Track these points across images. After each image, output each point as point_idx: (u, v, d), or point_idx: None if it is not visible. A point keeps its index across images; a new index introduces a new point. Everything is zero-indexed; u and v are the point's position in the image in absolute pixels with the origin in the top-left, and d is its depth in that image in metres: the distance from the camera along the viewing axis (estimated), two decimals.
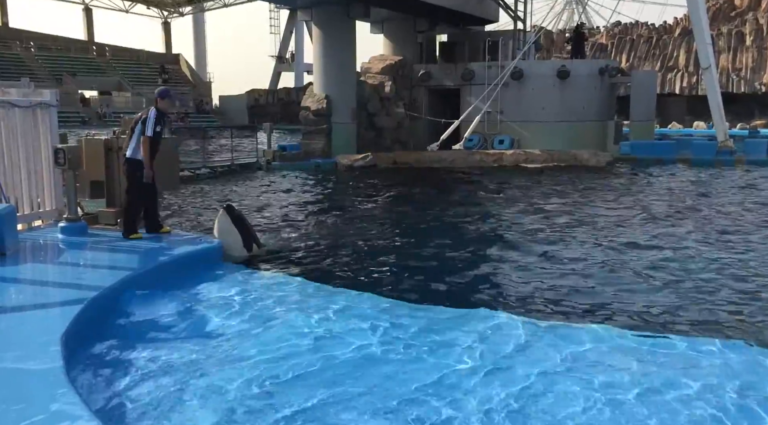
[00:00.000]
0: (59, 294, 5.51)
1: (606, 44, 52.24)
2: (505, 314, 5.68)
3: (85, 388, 4.00)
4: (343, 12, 21.88)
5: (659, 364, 4.57)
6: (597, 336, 5.14)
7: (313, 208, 12.82)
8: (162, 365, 4.45)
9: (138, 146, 7.35)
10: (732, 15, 50.13)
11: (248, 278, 6.85)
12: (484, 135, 22.88)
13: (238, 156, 20.60)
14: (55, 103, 8.26)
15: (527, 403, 3.96)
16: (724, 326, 5.52)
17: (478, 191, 15.59)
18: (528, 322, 5.47)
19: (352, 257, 8.29)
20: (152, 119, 7.34)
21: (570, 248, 8.62)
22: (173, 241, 7.54)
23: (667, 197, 13.56)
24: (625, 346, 4.93)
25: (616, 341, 5.04)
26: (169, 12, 65.64)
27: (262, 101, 53.93)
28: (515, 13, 25.81)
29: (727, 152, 21.22)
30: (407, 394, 4.05)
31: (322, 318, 5.47)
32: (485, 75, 23.13)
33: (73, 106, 44.75)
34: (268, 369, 4.39)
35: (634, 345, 4.94)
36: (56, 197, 8.24)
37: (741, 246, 8.67)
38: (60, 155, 7.42)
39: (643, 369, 4.47)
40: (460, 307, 5.90)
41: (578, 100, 22.69)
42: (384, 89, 23.31)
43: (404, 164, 21.11)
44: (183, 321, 5.40)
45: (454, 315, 5.67)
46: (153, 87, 52.48)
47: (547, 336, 5.13)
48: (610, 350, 4.85)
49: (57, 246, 7.24)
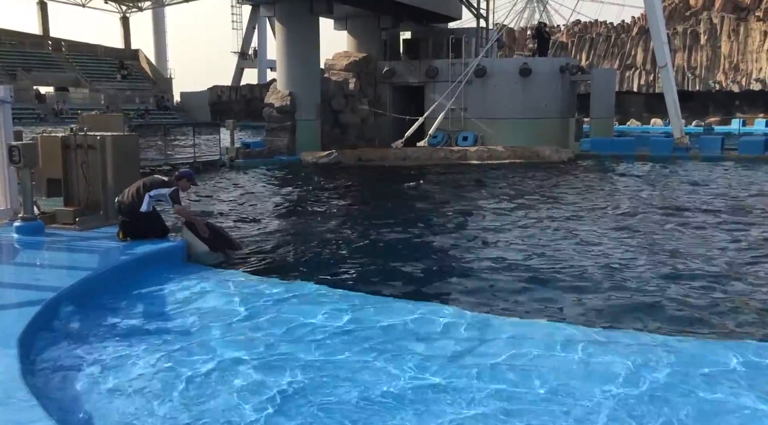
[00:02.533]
0: (15, 296, 5.36)
1: (566, 43, 53.11)
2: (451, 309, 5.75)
3: (42, 391, 3.90)
4: (306, 8, 21.78)
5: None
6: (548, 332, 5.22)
7: (276, 205, 12.75)
8: (121, 366, 4.38)
9: (151, 204, 7.30)
10: (687, 14, 51.49)
11: (210, 277, 6.76)
12: (448, 132, 23.06)
13: (201, 154, 20.31)
14: (9, 100, 8.03)
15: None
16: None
17: (441, 186, 15.70)
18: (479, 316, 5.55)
19: (315, 252, 8.27)
20: (172, 196, 7.30)
21: (523, 240, 8.77)
22: (134, 240, 7.41)
23: (625, 192, 13.89)
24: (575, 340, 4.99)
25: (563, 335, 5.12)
26: (128, 6, 64.30)
27: (225, 98, 53.39)
28: (478, 11, 26.05)
29: (683, 149, 21.81)
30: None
31: (278, 312, 5.47)
32: (449, 72, 23.30)
33: (29, 102, 43.53)
34: (229, 365, 4.38)
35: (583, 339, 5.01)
36: (11, 196, 8.01)
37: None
38: (15, 153, 7.22)
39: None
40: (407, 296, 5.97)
41: (540, 97, 23.03)
42: (348, 86, 23.29)
43: (369, 160, 21.13)
44: (143, 321, 5.32)
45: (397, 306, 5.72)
46: (111, 83, 51.56)
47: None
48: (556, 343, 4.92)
49: (12, 246, 7.04)
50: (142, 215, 7.23)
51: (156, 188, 7.26)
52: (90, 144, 8.00)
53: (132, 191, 7.26)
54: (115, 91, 48.40)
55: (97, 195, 8.08)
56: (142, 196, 7.19)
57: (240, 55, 64.24)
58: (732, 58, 47.51)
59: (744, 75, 46.68)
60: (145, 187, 7.25)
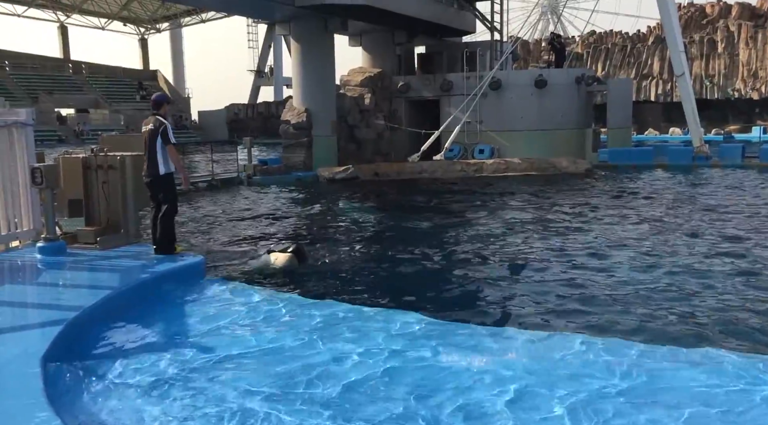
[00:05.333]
0: (38, 315, 5.41)
1: (581, 53, 52.98)
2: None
3: (65, 411, 3.92)
4: (321, 26, 21.96)
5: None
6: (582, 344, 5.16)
7: (295, 221, 12.80)
8: (144, 385, 4.39)
9: (167, 158, 7.29)
10: (703, 23, 51.17)
11: (231, 294, 6.78)
12: (464, 145, 23.04)
13: (219, 171, 20.48)
14: (31, 122, 8.15)
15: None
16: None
17: (459, 200, 15.65)
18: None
19: (342, 270, 8.27)
20: (170, 127, 7.33)
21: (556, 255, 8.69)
22: (154, 258, 7.46)
23: (649, 203, 13.72)
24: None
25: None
26: (146, 28, 65.40)
27: (242, 116, 53.84)
28: (492, 24, 26.10)
29: (703, 157, 21.56)
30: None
31: (307, 331, 5.44)
32: (464, 85, 23.32)
33: (50, 124, 44.31)
34: (254, 383, 4.35)
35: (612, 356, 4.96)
36: (34, 217, 8.11)
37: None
38: (37, 174, 7.32)
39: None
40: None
41: (556, 108, 22.95)
42: (364, 101, 23.39)
43: (385, 175, 21.16)
44: (165, 339, 5.33)
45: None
46: (131, 104, 52.35)
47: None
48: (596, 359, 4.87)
49: (35, 266, 7.12)
50: (160, 178, 7.32)
51: (158, 137, 7.24)
52: (110, 164, 8.09)
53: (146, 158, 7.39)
54: (134, 111, 49.08)
55: (118, 215, 8.15)
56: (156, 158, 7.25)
57: (256, 73, 64.91)
58: (750, 65, 47.04)
59: (763, 82, 46.16)
60: (152, 145, 7.26)
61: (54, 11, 58.82)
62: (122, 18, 62.49)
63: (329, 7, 20.27)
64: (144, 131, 7.45)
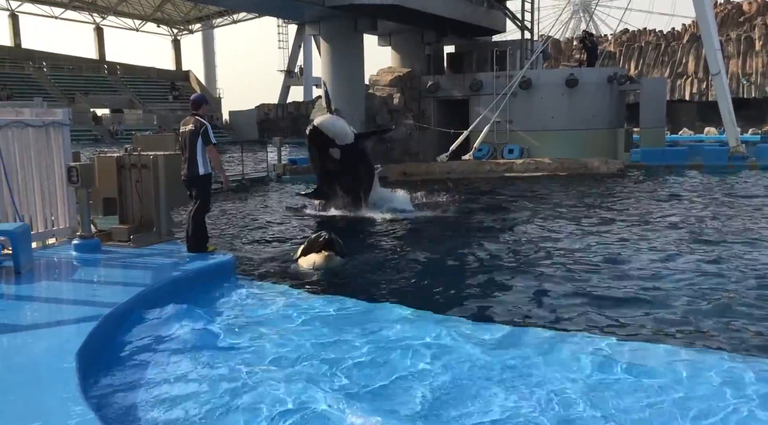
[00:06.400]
0: (74, 311, 5.53)
1: (614, 52, 52.20)
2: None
3: (100, 405, 4.00)
4: (351, 26, 22.01)
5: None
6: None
7: (323, 219, 12.86)
8: (177, 381, 4.44)
9: (206, 159, 7.38)
10: (740, 20, 50.00)
11: (262, 291, 6.84)
12: (493, 145, 22.86)
13: (249, 171, 20.67)
14: (68, 122, 8.34)
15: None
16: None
17: (489, 200, 15.54)
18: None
19: (370, 270, 8.27)
20: (210, 127, 7.44)
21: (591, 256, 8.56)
22: (186, 256, 7.57)
23: (691, 205, 13.34)
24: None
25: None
26: (179, 30, 66.41)
27: (272, 116, 54.29)
28: (522, 23, 25.85)
29: (740, 158, 21.06)
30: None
31: (334, 330, 5.46)
32: (493, 85, 23.14)
33: (86, 124, 45.28)
34: (289, 383, 4.37)
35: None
36: (70, 215, 8.31)
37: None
38: (73, 173, 7.48)
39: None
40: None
41: (587, 108, 22.63)
42: (393, 101, 23.38)
43: (414, 175, 21.11)
44: (197, 336, 5.39)
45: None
46: (164, 104, 53.21)
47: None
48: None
49: (71, 263, 7.28)
50: (199, 178, 7.45)
51: (198, 138, 7.32)
52: (143, 164, 8.23)
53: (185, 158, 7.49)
54: (167, 111, 49.89)
55: (151, 213, 8.29)
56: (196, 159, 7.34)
57: (286, 73, 65.35)
58: None
59: None
60: (192, 145, 7.34)
61: (90, 13, 60.12)
62: (156, 19, 63.57)
63: (358, 7, 20.30)
64: (183, 131, 7.54)
